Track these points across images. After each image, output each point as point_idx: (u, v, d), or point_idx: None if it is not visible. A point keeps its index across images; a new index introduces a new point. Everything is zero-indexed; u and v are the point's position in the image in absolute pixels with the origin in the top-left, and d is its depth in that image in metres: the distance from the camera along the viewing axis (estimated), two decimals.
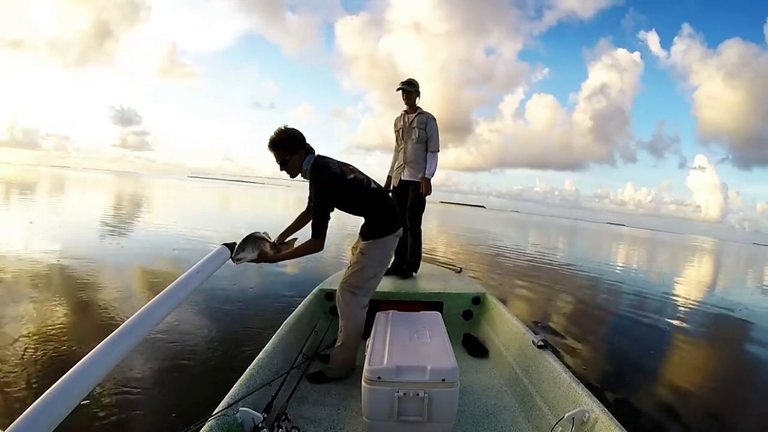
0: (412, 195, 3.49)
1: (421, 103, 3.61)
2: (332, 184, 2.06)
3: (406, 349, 1.75)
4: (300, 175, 2.10)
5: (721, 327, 6.35)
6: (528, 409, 1.95)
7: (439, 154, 3.53)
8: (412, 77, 3.48)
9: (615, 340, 4.88)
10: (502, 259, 11.47)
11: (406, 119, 3.54)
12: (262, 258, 1.93)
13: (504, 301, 3.09)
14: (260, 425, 1.45)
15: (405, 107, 3.57)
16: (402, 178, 3.53)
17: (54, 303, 3.92)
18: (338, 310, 2.21)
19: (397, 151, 3.66)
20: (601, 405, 1.51)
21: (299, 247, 2.07)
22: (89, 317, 3.64)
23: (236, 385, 1.62)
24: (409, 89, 3.43)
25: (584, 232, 44.58)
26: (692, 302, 8.02)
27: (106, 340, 0.82)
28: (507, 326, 2.60)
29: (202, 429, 1.33)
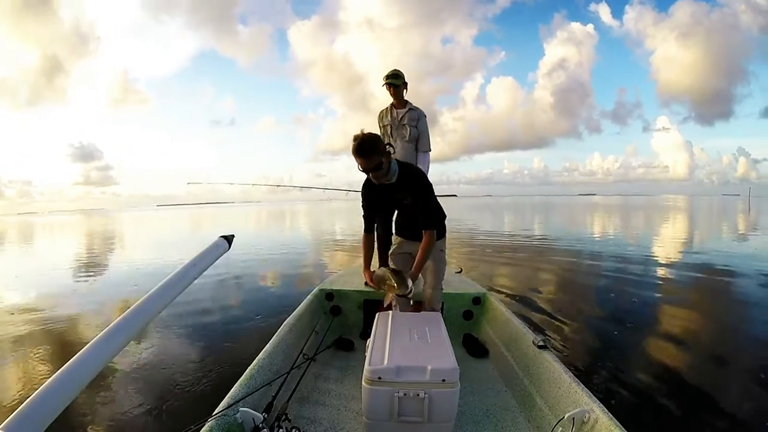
0: None
1: (381, 102, 3.29)
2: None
3: (407, 350, 1.75)
4: (379, 178, 2.02)
5: (715, 286, 6.24)
6: (528, 410, 1.95)
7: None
8: (397, 69, 3.16)
9: (602, 313, 4.90)
10: (482, 241, 11.54)
11: (395, 114, 3.23)
12: (413, 279, 2.07)
13: (504, 301, 3.09)
14: (260, 425, 1.45)
15: (392, 101, 3.25)
16: None
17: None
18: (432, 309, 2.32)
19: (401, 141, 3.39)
20: (602, 405, 1.51)
21: (425, 248, 2.12)
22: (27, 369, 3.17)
23: (236, 385, 1.62)
24: (396, 83, 3.11)
25: (556, 208, 43.79)
26: (683, 266, 7.88)
27: (101, 333, 0.80)
28: (507, 326, 2.60)
29: (203, 429, 1.33)
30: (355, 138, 1.92)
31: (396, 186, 2.08)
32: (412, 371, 1.61)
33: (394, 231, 2.56)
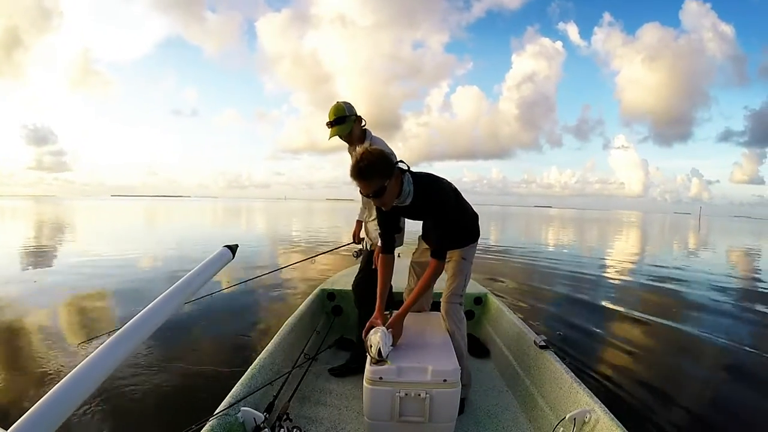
0: None
1: (348, 100, 2.45)
2: (453, 200, 1.86)
3: (408, 350, 1.75)
4: (385, 205, 1.74)
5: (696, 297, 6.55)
6: (529, 410, 1.95)
7: None
8: (339, 102, 2.23)
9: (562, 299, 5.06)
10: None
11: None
12: (396, 330, 1.79)
13: (505, 301, 3.09)
14: (262, 425, 1.45)
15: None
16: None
17: None
18: (448, 328, 1.97)
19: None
20: (603, 405, 1.51)
21: (426, 279, 1.84)
22: None
23: (238, 384, 1.62)
24: (344, 130, 2.22)
25: (512, 217, 45.39)
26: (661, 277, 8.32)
27: (107, 341, 0.83)
28: (508, 326, 2.60)
29: (204, 428, 1.33)
30: (356, 156, 1.63)
31: (411, 208, 1.79)
32: (413, 371, 1.60)
33: (420, 235, 2.24)
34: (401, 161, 1.74)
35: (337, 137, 2.26)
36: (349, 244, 3.04)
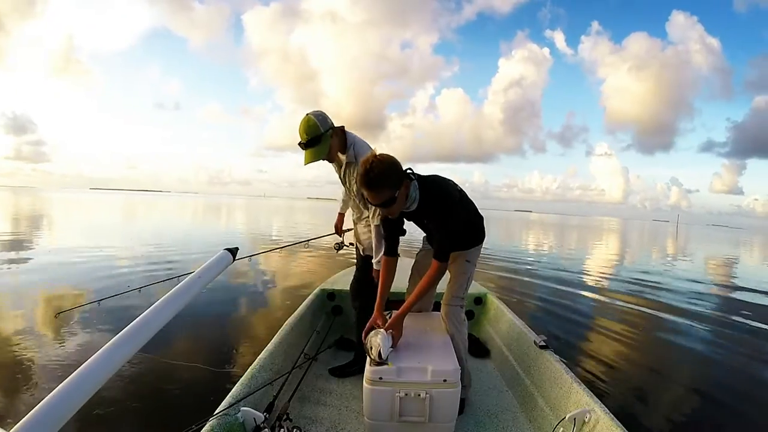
0: None
1: (332, 101, 2.09)
2: (459, 205, 1.81)
3: (408, 350, 1.75)
4: (392, 213, 1.71)
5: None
6: (529, 410, 1.95)
7: None
8: (309, 115, 1.88)
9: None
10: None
11: (346, 169, 2.11)
12: (396, 331, 1.76)
13: (505, 301, 3.09)
14: (262, 425, 1.45)
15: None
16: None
17: None
18: (448, 329, 1.95)
19: (350, 199, 2.33)
20: (603, 405, 1.51)
21: (427, 281, 1.81)
22: None
23: (238, 384, 1.62)
24: (321, 152, 1.92)
25: (497, 221, 45.32)
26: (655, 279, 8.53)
27: (109, 343, 0.83)
28: (508, 326, 2.60)
29: (204, 428, 1.33)
30: (364, 163, 1.54)
31: (417, 213, 1.78)
32: (413, 371, 1.61)
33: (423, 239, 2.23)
34: (409, 168, 1.70)
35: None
36: (330, 234, 3.02)
